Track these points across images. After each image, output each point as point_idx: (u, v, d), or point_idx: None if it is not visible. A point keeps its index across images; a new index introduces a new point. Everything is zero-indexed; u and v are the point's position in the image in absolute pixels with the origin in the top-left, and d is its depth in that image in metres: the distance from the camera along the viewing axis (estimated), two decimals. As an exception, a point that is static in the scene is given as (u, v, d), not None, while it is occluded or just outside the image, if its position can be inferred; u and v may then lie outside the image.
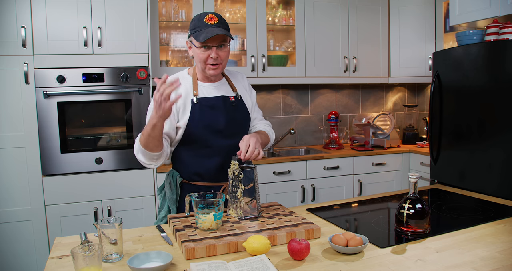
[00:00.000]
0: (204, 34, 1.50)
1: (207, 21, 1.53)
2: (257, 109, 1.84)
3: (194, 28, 1.55)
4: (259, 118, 1.83)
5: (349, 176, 3.22)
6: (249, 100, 1.76)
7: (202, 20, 1.53)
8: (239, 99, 1.69)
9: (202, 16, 1.54)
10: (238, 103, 1.68)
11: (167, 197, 1.66)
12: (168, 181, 1.67)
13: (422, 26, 3.43)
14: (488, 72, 2.41)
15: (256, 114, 1.82)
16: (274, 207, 1.59)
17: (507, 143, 2.29)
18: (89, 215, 2.56)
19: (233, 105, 1.65)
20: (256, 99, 1.83)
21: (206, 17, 1.53)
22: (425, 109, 3.94)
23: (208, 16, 1.53)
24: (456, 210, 1.69)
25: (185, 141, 1.61)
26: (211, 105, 1.61)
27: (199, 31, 1.53)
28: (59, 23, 2.46)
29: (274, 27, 3.33)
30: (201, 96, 1.62)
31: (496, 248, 1.23)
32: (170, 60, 3.13)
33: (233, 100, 1.66)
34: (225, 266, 1.08)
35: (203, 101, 1.60)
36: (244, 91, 1.76)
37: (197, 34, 1.53)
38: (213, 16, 1.54)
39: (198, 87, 1.64)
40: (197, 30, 1.54)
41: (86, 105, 2.55)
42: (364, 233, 1.31)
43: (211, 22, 1.53)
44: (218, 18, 1.55)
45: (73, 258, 1.01)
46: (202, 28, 1.52)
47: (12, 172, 2.44)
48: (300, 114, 3.69)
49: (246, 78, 1.82)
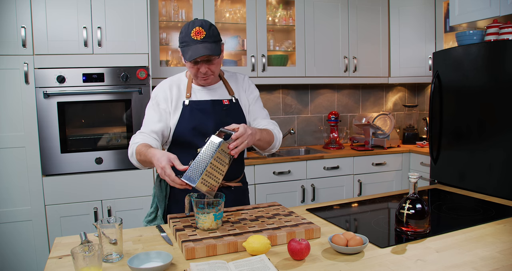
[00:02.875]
0: (190, 52, 1.48)
1: (193, 36, 1.48)
2: (260, 109, 1.77)
3: (182, 42, 1.52)
4: (262, 116, 1.75)
5: (349, 176, 3.22)
6: (247, 103, 1.73)
7: (189, 35, 1.49)
8: (234, 102, 1.68)
9: (189, 28, 1.49)
10: (231, 107, 1.66)
11: (156, 194, 1.67)
12: (159, 178, 1.67)
13: (422, 26, 3.43)
14: (488, 72, 2.41)
15: (259, 114, 1.75)
16: (274, 207, 1.59)
17: (507, 143, 2.29)
18: (89, 215, 2.56)
19: (224, 109, 1.64)
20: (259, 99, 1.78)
21: (193, 31, 1.48)
22: (425, 109, 3.94)
23: (195, 29, 1.48)
24: (456, 210, 1.69)
25: (175, 141, 1.64)
26: (201, 108, 1.61)
27: (186, 47, 1.50)
28: (59, 23, 2.46)
29: (274, 27, 3.33)
30: (193, 99, 1.63)
31: (496, 248, 1.23)
32: (170, 60, 3.13)
33: (226, 104, 1.65)
34: (225, 266, 1.08)
35: (193, 104, 1.61)
36: (243, 93, 1.73)
37: (184, 50, 1.51)
38: (199, 30, 1.48)
39: (192, 90, 1.64)
40: (184, 45, 1.51)
41: (86, 105, 2.55)
42: (364, 233, 1.31)
43: (197, 37, 1.48)
44: (206, 30, 1.49)
45: (73, 258, 1.01)
46: (189, 44, 1.49)
47: (12, 172, 2.43)
48: (300, 114, 3.69)
49: (247, 80, 1.78)
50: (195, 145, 1.54)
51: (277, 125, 1.75)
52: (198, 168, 1.31)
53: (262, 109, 1.77)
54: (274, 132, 1.66)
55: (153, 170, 2.68)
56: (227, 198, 1.60)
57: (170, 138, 1.64)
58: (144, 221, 1.71)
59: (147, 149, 1.43)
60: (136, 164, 1.54)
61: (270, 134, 1.63)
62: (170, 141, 1.65)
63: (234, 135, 1.38)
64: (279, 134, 1.69)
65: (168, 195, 1.68)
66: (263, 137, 1.56)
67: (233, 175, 1.67)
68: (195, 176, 1.30)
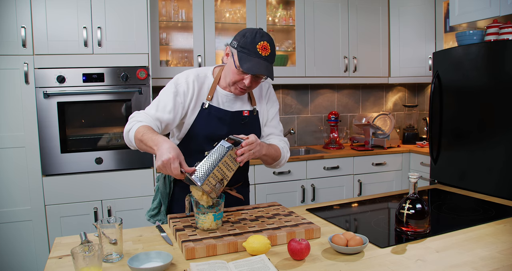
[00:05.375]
0: (249, 65, 1.41)
1: (259, 49, 1.41)
2: (276, 124, 1.71)
3: (243, 47, 1.43)
4: (276, 133, 1.70)
5: (349, 176, 3.22)
6: (266, 115, 1.68)
7: (254, 45, 1.41)
8: (254, 114, 1.63)
9: (256, 39, 1.42)
10: (250, 120, 1.61)
11: (160, 190, 1.66)
12: (163, 175, 1.67)
13: (422, 26, 3.43)
14: (488, 72, 2.41)
15: (273, 130, 1.70)
16: (274, 207, 1.59)
17: (507, 143, 2.29)
18: (89, 215, 2.56)
19: (242, 122, 1.59)
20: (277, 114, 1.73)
21: (260, 44, 1.41)
22: (425, 109, 3.94)
23: (262, 43, 1.41)
24: (456, 210, 1.69)
25: (186, 140, 1.60)
26: (220, 117, 1.55)
27: (246, 55, 1.42)
28: (59, 23, 2.46)
29: (274, 27, 3.33)
30: (214, 104, 1.56)
31: (496, 248, 1.23)
32: (170, 60, 3.13)
33: (246, 116, 1.60)
34: (225, 266, 1.08)
35: (212, 110, 1.55)
36: (264, 105, 1.68)
37: (243, 58, 1.43)
38: (266, 46, 1.42)
39: (215, 93, 1.57)
40: (245, 52, 1.42)
41: (86, 105, 2.55)
42: (364, 233, 1.31)
43: (263, 52, 1.41)
44: (271, 49, 1.44)
45: (73, 258, 1.01)
46: (251, 55, 1.42)
47: (12, 172, 2.43)
48: (300, 114, 3.69)
49: (271, 90, 1.71)
50: (202, 149, 1.46)
51: (287, 144, 1.71)
52: (205, 169, 1.32)
53: (278, 125, 1.73)
54: (283, 151, 1.64)
55: (153, 170, 2.68)
56: (229, 197, 1.60)
57: (183, 135, 1.58)
58: (147, 214, 1.71)
59: (154, 134, 1.34)
60: (128, 142, 1.45)
61: (278, 151, 1.61)
62: (181, 138, 1.60)
63: (244, 142, 1.39)
64: (287, 154, 1.67)
65: (171, 192, 1.67)
66: (270, 153, 1.55)
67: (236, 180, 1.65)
68: (201, 176, 1.30)
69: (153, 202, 1.71)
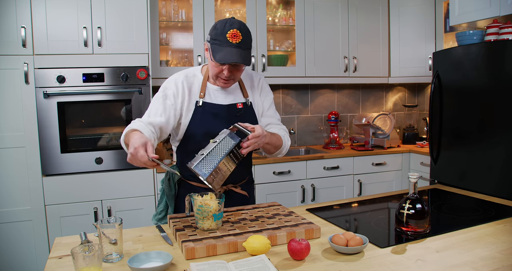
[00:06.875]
0: (222, 54, 1.41)
1: (229, 38, 1.40)
2: (273, 113, 1.73)
3: (214, 39, 1.43)
4: (275, 122, 1.72)
5: (349, 176, 3.22)
6: (261, 106, 1.69)
7: (224, 35, 1.40)
8: (248, 105, 1.64)
9: (226, 28, 1.41)
10: (245, 111, 1.62)
11: (166, 193, 1.67)
12: (167, 177, 1.68)
13: (422, 26, 3.43)
14: (488, 72, 2.41)
15: (271, 119, 1.71)
16: (274, 207, 1.59)
17: (507, 143, 2.29)
18: (89, 215, 2.56)
19: (237, 114, 1.59)
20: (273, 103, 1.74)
21: (229, 32, 1.40)
22: (425, 109, 3.94)
23: (232, 31, 1.40)
24: (456, 210, 1.69)
25: (184, 141, 1.61)
26: (215, 113, 1.56)
27: (218, 46, 1.42)
28: (59, 23, 2.46)
29: (274, 27, 3.33)
30: (207, 101, 1.57)
31: (496, 248, 1.23)
32: (170, 60, 3.13)
33: (240, 108, 1.61)
34: (225, 266, 1.08)
35: (207, 107, 1.56)
36: (257, 96, 1.69)
37: (215, 49, 1.43)
38: (236, 33, 1.40)
39: (206, 90, 1.58)
40: (216, 43, 1.43)
41: (86, 105, 2.55)
42: (364, 233, 1.31)
43: (233, 40, 1.40)
44: (243, 35, 1.42)
45: (73, 258, 1.01)
46: (222, 44, 1.41)
47: (12, 172, 2.43)
48: (300, 114, 3.69)
49: (263, 81, 1.72)
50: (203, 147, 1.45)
51: (287, 132, 1.74)
52: (211, 162, 1.33)
53: (275, 114, 1.75)
54: (284, 139, 1.66)
55: (153, 170, 2.68)
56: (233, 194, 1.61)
57: (181, 136, 1.60)
58: (154, 219, 1.70)
59: (133, 134, 1.37)
60: (123, 146, 1.48)
61: (280, 140, 1.63)
62: (180, 139, 1.61)
63: (250, 135, 1.40)
64: (288, 142, 1.69)
65: (177, 193, 1.67)
66: (273, 142, 1.57)
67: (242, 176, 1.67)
68: (206, 169, 1.31)
69: (159, 205, 1.71)
